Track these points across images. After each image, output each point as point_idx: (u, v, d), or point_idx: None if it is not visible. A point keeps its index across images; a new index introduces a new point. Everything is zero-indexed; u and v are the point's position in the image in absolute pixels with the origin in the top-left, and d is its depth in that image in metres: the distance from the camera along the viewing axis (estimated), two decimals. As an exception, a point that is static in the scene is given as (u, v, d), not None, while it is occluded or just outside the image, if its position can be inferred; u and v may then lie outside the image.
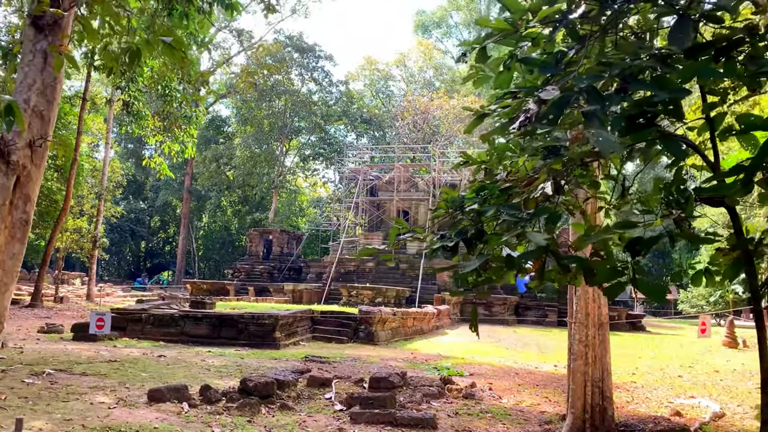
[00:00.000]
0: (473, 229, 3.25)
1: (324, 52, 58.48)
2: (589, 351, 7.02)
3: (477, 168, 3.78)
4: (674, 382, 12.25)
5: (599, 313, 7.16)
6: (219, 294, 34.92)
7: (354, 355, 14.43)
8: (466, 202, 3.34)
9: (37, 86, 3.93)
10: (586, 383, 6.98)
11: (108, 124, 33.47)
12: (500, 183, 3.25)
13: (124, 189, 54.66)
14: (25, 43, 3.99)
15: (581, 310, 7.08)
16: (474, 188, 3.36)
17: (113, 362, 10.86)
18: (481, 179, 3.54)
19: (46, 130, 4.02)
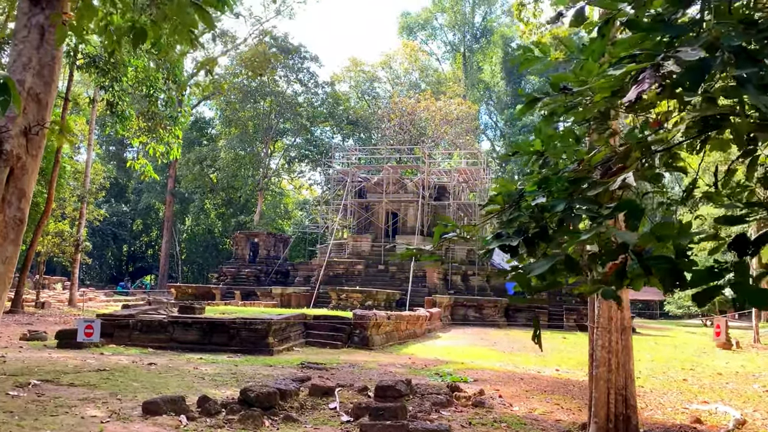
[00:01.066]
0: (536, 226, 2.86)
1: (309, 53, 58.03)
2: (612, 357, 6.67)
3: (527, 160, 3.39)
4: (681, 386, 11.97)
5: (622, 317, 6.81)
6: (204, 298, 34.27)
7: (350, 360, 14.00)
8: (526, 195, 2.95)
9: (33, 65, 3.47)
10: (610, 391, 6.63)
11: (91, 126, 32.74)
12: (570, 174, 2.86)
13: (107, 192, 53.75)
14: (19, 17, 3.54)
15: (604, 315, 6.73)
16: (534, 180, 2.97)
17: (102, 371, 10.34)
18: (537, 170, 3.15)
19: (43, 116, 3.56)
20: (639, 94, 2.15)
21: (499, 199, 3.04)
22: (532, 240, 2.83)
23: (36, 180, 3.65)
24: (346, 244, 37.32)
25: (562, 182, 2.84)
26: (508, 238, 2.88)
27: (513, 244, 2.79)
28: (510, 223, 2.99)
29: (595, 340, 6.82)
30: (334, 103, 59.51)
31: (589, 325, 7.13)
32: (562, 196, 2.83)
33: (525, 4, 16.57)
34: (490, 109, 79.24)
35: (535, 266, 2.69)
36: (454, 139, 55.07)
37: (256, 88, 56.61)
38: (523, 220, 2.98)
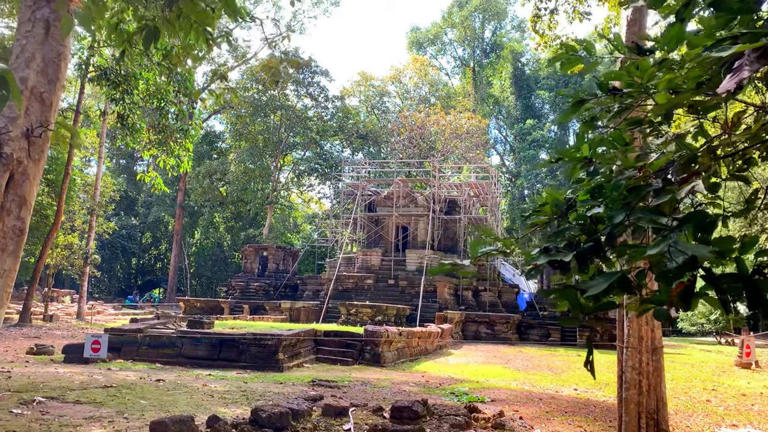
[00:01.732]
0: (589, 239, 2.57)
1: (320, 68, 58.08)
2: (643, 379, 6.34)
3: (572, 167, 3.11)
4: (706, 407, 11.56)
5: (653, 336, 6.49)
6: (213, 312, 34.04)
7: (362, 378, 13.66)
8: (578, 206, 2.67)
9: (37, 62, 3.22)
10: (641, 415, 6.29)
11: (101, 138, 32.74)
12: (629, 181, 2.57)
13: (116, 205, 53.84)
14: (23, 10, 3.29)
15: (634, 334, 6.41)
16: (587, 189, 2.68)
17: (109, 388, 10.06)
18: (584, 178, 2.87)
19: (47, 117, 3.31)
20: (739, 82, 1.87)
21: (548, 209, 2.75)
22: (585, 255, 2.54)
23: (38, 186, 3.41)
24: (356, 258, 37.00)
25: (619, 191, 2.56)
26: (557, 252, 2.59)
27: (565, 260, 2.50)
28: (558, 235, 2.70)
29: (625, 360, 6.49)
30: (344, 116, 59.51)
31: (618, 344, 6.80)
32: (618, 206, 2.55)
33: (540, 16, 16.36)
34: (500, 123, 79.06)
35: (591, 285, 2.39)
36: (464, 153, 54.87)
37: (267, 102, 56.69)
38: (573, 233, 2.69)
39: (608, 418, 9.69)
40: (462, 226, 37.72)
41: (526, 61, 79.03)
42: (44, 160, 3.65)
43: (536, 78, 75.78)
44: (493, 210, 40.25)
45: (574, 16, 16.97)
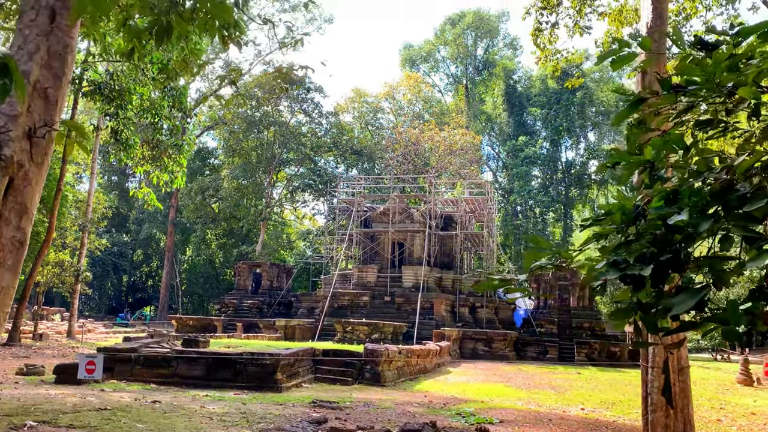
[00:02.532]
0: (667, 251, 2.28)
1: (314, 84, 58.05)
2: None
3: (628, 172, 2.84)
4: (718, 428, 11.26)
5: (679, 356, 6.20)
6: (206, 330, 33.52)
7: (364, 398, 13.28)
8: (650, 213, 2.39)
9: (41, 55, 2.91)
10: (668, 438, 5.99)
11: (94, 154, 32.34)
12: (716, 185, 2.29)
13: (108, 222, 53.29)
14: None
15: (659, 353, 6.12)
16: (661, 194, 2.40)
17: (103, 411, 9.64)
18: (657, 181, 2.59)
19: (51, 115, 3.00)
20: None
21: (618, 217, 2.47)
22: (663, 269, 2.25)
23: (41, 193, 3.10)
24: (351, 274, 36.62)
25: (700, 196, 2.28)
26: (629, 266, 2.30)
27: (644, 274, 2.21)
28: (626, 246, 2.42)
29: (651, 381, 6.19)
30: (338, 132, 59.39)
31: (642, 364, 6.50)
32: (694, 212, 2.27)
33: (541, 30, 16.25)
34: (493, 140, 79.22)
35: (675, 302, 2.10)
36: (459, 169, 54.80)
37: (260, 117, 56.53)
38: (642, 243, 2.41)
39: (622, 439, 9.37)
40: (458, 242, 37.46)
41: (518, 78, 79.41)
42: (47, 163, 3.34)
43: (528, 95, 76.08)
44: (489, 225, 40.03)
45: (575, 31, 16.89)
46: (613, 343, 33.97)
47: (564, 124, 72.19)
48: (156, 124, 24.94)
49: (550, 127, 72.94)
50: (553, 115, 72.41)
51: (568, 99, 72.08)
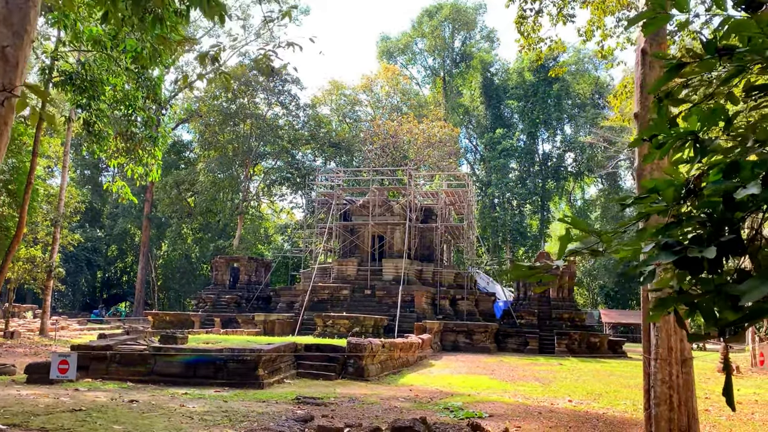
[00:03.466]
0: (725, 230, 2.01)
1: (290, 76, 57.33)
2: (673, 394, 5.83)
3: (669, 145, 2.57)
4: (708, 418, 11.15)
5: (682, 347, 5.99)
6: (183, 326, 32.94)
7: (348, 394, 12.98)
8: (707, 188, 2.10)
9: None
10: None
11: (66, 147, 31.51)
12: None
13: (81, 217, 52.18)
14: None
15: (663, 345, 5.90)
16: (719, 167, 2.12)
17: (77, 411, 9.22)
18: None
19: (11, 79, 2.61)
20: None
21: (670, 192, 2.19)
22: (723, 251, 1.98)
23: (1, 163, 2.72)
24: (331, 268, 36.25)
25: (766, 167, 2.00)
26: (685, 248, 2.02)
27: (708, 256, 1.93)
28: (679, 226, 2.14)
29: (654, 373, 5.96)
30: (316, 125, 58.79)
31: (644, 356, 6.28)
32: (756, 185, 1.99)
33: (525, 17, 16.02)
34: (470, 133, 79.19)
35: (746, 289, 1.83)
36: (437, 161, 54.61)
37: (236, 110, 55.69)
38: (692, 223, 2.14)
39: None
40: (439, 235, 37.26)
41: (495, 70, 79.42)
42: (8, 133, 2.95)
43: (505, 88, 76.14)
44: (469, 217, 39.90)
45: (558, 19, 16.69)
46: (592, 334, 34.12)
47: (541, 117, 72.40)
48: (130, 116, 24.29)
49: (527, 119, 73.12)
50: (530, 107, 72.59)
51: (544, 91, 72.28)
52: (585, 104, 76.22)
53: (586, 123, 72.57)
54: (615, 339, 33.65)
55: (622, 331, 58.36)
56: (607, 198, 73.14)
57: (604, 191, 75.55)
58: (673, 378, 5.87)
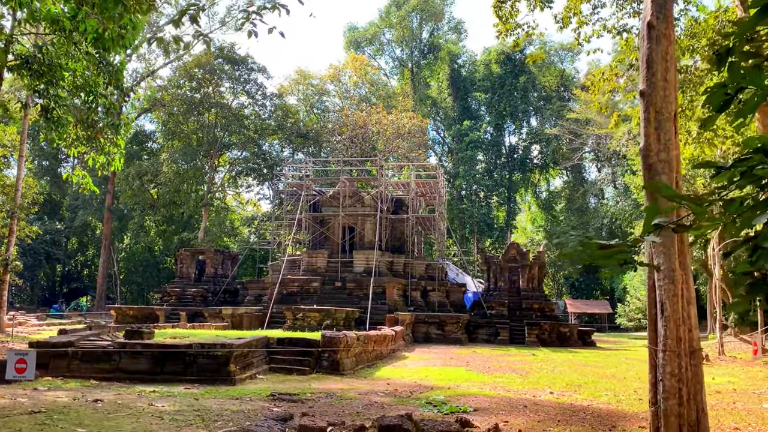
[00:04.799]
0: None
1: (257, 65, 56.27)
2: (683, 387, 5.51)
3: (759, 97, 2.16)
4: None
5: (690, 337, 5.68)
6: (147, 320, 32.04)
7: (324, 389, 12.52)
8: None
9: None
10: (681, 428, 5.47)
11: (23, 134, 30.20)
12: None
13: (39, 209, 50.45)
14: None
15: (671, 335, 5.57)
16: None
17: (37, 414, 8.57)
18: None
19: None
20: None
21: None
22: None
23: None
24: (300, 260, 35.63)
25: None
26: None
27: None
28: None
29: (662, 365, 5.63)
30: (283, 115, 57.81)
31: (649, 347, 5.95)
32: None
33: (503, 2, 15.67)
34: (438, 124, 79.05)
35: None
36: (407, 153, 54.25)
37: (200, 99, 54.42)
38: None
39: (605, 426, 8.91)
40: (410, 226, 36.91)
41: (462, 62, 79.34)
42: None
43: (472, 80, 76.14)
44: (440, 208, 39.65)
45: (536, 4, 16.37)
46: (562, 324, 34.24)
47: (507, 109, 72.63)
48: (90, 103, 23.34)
49: (494, 111, 73.28)
50: (497, 99, 72.74)
51: (511, 84, 72.48)
52: (551, 96, 76.69)
53: (552, 115, 73.04)
54: (584, 329, 33.78)
55: (586, 321, 59.04)
56: (572, 189, 74.05)
57: (569, 183, 76.25)
58: (682, 370, 5.56)
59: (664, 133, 5.75)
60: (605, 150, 63.80)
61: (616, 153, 60.42)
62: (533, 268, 36.39)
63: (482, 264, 37.85)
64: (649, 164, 5.80)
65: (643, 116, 5.88)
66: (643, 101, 5.89)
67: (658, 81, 5.82)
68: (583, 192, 71.25)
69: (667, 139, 5.73)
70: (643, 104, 5.89)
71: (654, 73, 5.80)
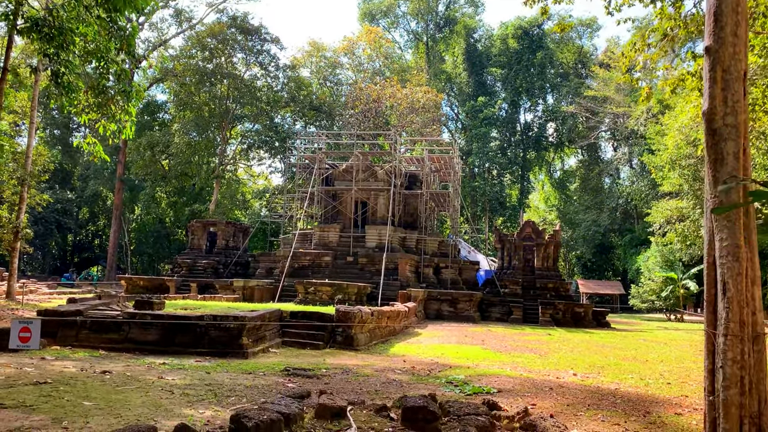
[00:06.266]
0: None
1: (270, 35, 55.42)
2: (745, 375, 5.01)
3: None
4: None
5: (754, 320, 5.15)
6: (158, 291, 31.85)
7: (339, 364, 12.12)
8: None
9: None
10: (743, 420, 4.97)
11: (33, 100, 29.74)
12: None
13: (50, 178, 50.24)
14: None
15: (734, 318, 5.04)
16: None
17: (42, 385, 8.19)
18: None
19: None
20: None
21: None
22: None
23: None
24: (312, 234, 35.21)
25: None
26: None
27: None
28: None
29: (723, 351, 5.11)
30: (296, 87, 57.03)
31: (707, 330, 5.42)
32: None
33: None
34: (452, 100, 77.94)
35: None
36: (420, 128, 53.48)
37: (213, 70, 53.72)
38: None
39: (638, 412, 8.43)
40: (423, 202, 36.34)
41: (478, 37, 77.97)
42: None
43: (488, 55, 74.83)
44: (455, 184, 39.03)
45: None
46: (576, 304, 33.71)
47: (523, 85, 71.42)
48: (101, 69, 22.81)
49: (510, 87, 72.05)
50: (512, 75, 71.48)
51: (528, 59, 71.13)
52: (568, 74, 75.31)
53: (569, 93, 71.78)
54: (599, 310, 33.24)
55: (598, 302, 58.47)
56: (587, 169, 72.90)
57: (584, 162, 75.09)
58: (745, 357, 5.04)
59: (732, 94, 5.17)
60: (622, 129, 62.67)
61: (633, 132, 59.27)
62: (548, 247, 35.82)
63: (496, 242, 37.27)
64: (713, 129, 5.22)
65: (707, 75, 5.29)
66: (709, 58, 5.29)
67: (727, 36, 5.22)
68: (598, 171, 70.20)
69: (735, 102, 5.15)
70: (708, 62, 5.30)
71: (722, 27, 5.20)
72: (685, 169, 39.57)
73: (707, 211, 5.40)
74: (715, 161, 5.20)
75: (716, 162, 5.19)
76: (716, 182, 5.18)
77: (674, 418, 8.08)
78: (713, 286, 5.29)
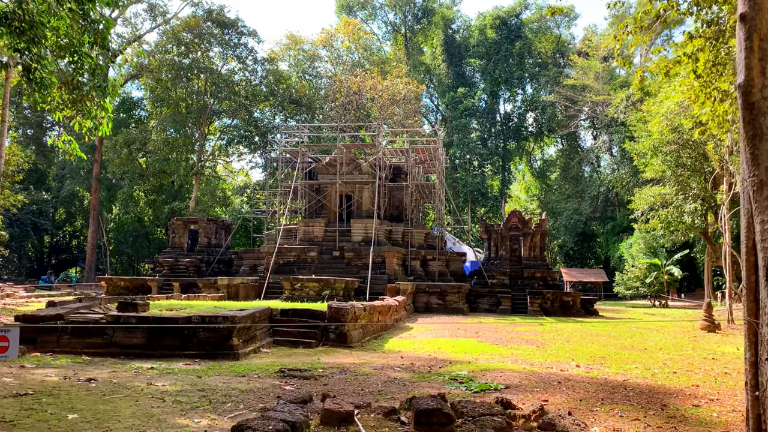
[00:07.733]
0: None
1: (247, 28, 54.46)
2: (795, 371, 4.65)
3: None
4: (737, 384, 10.20)
5: (799, 309, 4.79)
6: (139, 291, 31.13)
7: (335, 363, 11.67)
8: None
9: None
10: (791, 417, 4.62)
11: (5, 97, 28.78)
12: None
13: (25, 178, 48.99)
14: None
15: (781, 304, 4.68)
16: None
17: (23, 396, 7.63)
18: None
19: None
20: None
21: None
22: None
23: None
24: (297, 229, 34.62)
25: None
26: None
27: None
28: None
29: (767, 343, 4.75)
30: (275, 81, 56.17)
31: (748, 320, 5.05)
32: None
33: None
34: (432, 92, 77.49)
35: None
36: (402, 120, 53.01)
37: (189, 65, 52.68)
38: None
39: (655, 405, 8.09)
40: (409, 194, 35.90)
41: (456, 27, 77.60)
42: None
43: (467, 46, 74.50)
44: (440, 175, 38.63)
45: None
46: (564, 293, 33.60)
47: (502, 76, 71.23)
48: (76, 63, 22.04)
49: (489, 78, 71.80)
50: (491, 66, 71.23)
51: (507, 50, 70.88)
52: (547, 63, 75.30)
53: (548, 82, 71.79)
54: (587, 298, 33.12)
55: (581, 290, 58.56)
56: (567, 158, 72.83)
57: (564, 151, 75.11)
58: (792, 349, 4.68)
59: (771, 64, 4.79)
60: (602, 117, 62.72)
61: (613, 120, 59.33)
62: (535, 237, 35.66)
63: (482, 232, 37.01)
64: (750, 103, 4.83)
65: (743, 45, 4.90)
66: (744, 27, 4.90)
67: (764, 1, 4.84)
68: (579, 160, 70.33)
69: None
70: (743, 30, 4.90)
71: (759, -8, 4.81)
72: (667, 156, 39.56)
73: (744, 192, 5.02)
74: (753, 137, 4.82)
75: (755, 138, 4.81)
76: (755, 160, 4.80)
77: (693, 411, 7.75)
78: (753, 272, 4.91)
